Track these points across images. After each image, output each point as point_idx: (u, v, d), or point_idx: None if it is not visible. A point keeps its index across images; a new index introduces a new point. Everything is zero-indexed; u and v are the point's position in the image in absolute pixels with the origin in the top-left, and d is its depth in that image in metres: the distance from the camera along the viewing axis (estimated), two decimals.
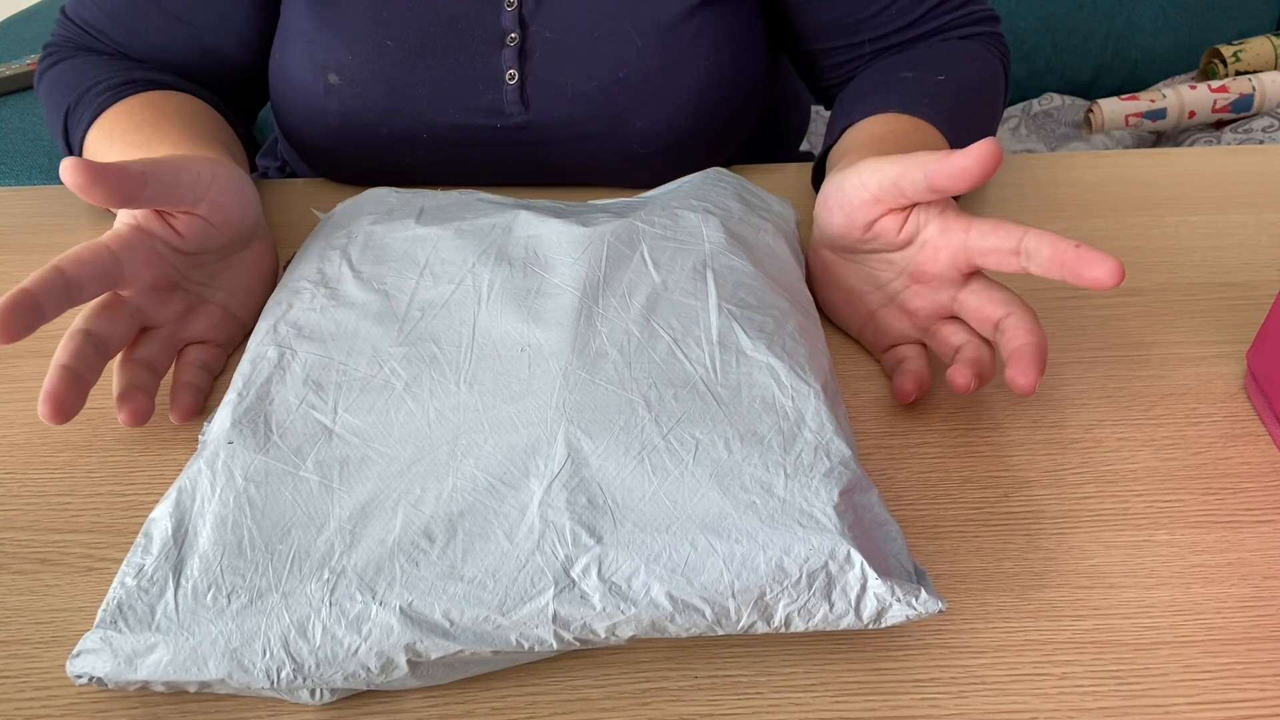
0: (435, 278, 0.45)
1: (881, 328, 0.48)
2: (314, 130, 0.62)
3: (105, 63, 0.62)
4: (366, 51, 0.59)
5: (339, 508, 0.35)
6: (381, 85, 0.60)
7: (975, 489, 0.42)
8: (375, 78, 0.60)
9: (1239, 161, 0.66)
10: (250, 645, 0.32)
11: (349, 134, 0.61)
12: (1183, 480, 0.42)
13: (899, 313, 0.47)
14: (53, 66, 0.63)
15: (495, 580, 0.33)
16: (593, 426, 0.37)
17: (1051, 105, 1.40)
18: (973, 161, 0.40)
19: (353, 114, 0.60)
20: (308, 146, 0.64)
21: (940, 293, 0.45)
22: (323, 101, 0.60)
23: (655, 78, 0.60)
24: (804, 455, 0.36)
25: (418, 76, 0.60)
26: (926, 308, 0.46)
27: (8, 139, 1.07)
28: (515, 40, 0.60)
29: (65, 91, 0.60)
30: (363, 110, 0.60)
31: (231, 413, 0.39)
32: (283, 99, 0.63)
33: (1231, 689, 0.35)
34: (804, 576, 0.33)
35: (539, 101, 0.60)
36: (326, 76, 0.60)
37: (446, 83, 0.60)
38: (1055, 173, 0.65)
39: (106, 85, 0.58)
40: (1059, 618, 0.37)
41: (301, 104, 0.62)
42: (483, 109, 0.60)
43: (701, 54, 0.61)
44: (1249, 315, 0.52)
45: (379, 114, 0.60)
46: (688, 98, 0.61)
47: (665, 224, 0.48)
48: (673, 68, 0.60)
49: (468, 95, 0.60)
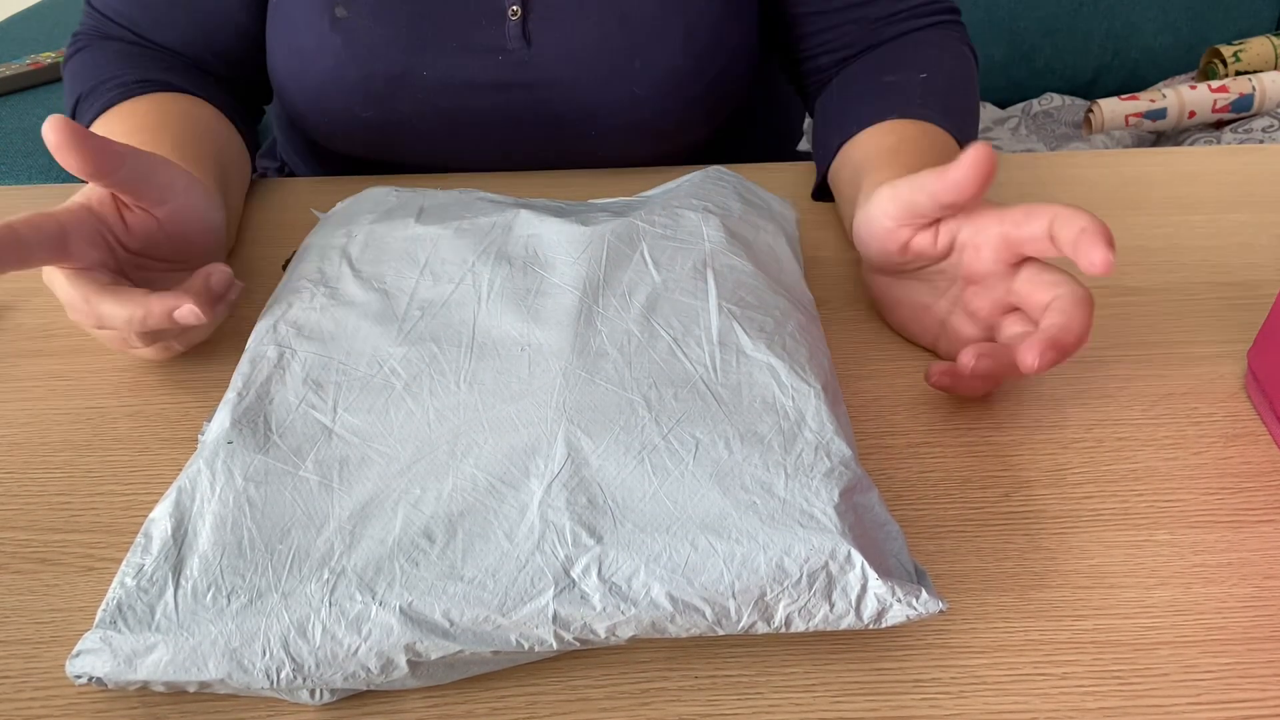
0: (435, 277, 0.45)
1: (953, 336, 0.48)
2: (310, 77, 0.62)
3: (124, 54, 0.62)
4: None
5: (339, 508, 0.35)
6: (388, 16, 0.60)
7: (975, 489, 0.42)
8: (383, 8, 0.60)
9: (1239, 161, 0.66)
10: (250, 645, 0.32)
11: (346, 74, 0.61)
12: (1183, 480, 0.42)
13: (965, 317, 0.47)
14: (76, 54, 0.64)
15: (495, 580, 0.33)
16: (593, 426, 0.37)
17: (1051, 105, 1.40)
18: (967, 172, 0.41)
19: (356, 45, 0.61)
20: (302, 99, 0.64)
21: (996, 288, 0.45)
22: (326, 37, 0.61)
23: (655, 16, 0.62)
24: (804, 455, 0.36)
25: (423, 9, 0.61)
26: (987, 306, 0.46)
27: (8, 139, 1.08)
28: None
29: (80, 82, 0.61)
30: (366, 42, 0.60)
31: (231, 412, 0.39)
32: (280, 43, 0.63)
33: (1232, 689, 0.34)
34: (804, 577, 0.33)
35: (540, 38, 0.61)
36: (334, 9, 0.60)
37: (450, 17, 0.61)
38: (1055, 173, 0.65)
39: (119, 82, 0.59)
40: (1059, 618, 0.37)
41: (301, 44, 0.62)
42: (485, 46, 0.61)
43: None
44: (1250, 315, 0.52)
45: (381, 45, 0.61)
46: (684, 37, 0.62)
47: (665, 223, 0.48)
48: (671, 5, 0.62)
49: (471, 30, 0.61)
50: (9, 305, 0.53)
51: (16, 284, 0.55)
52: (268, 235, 0.60)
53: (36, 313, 0.53)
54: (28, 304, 0.54)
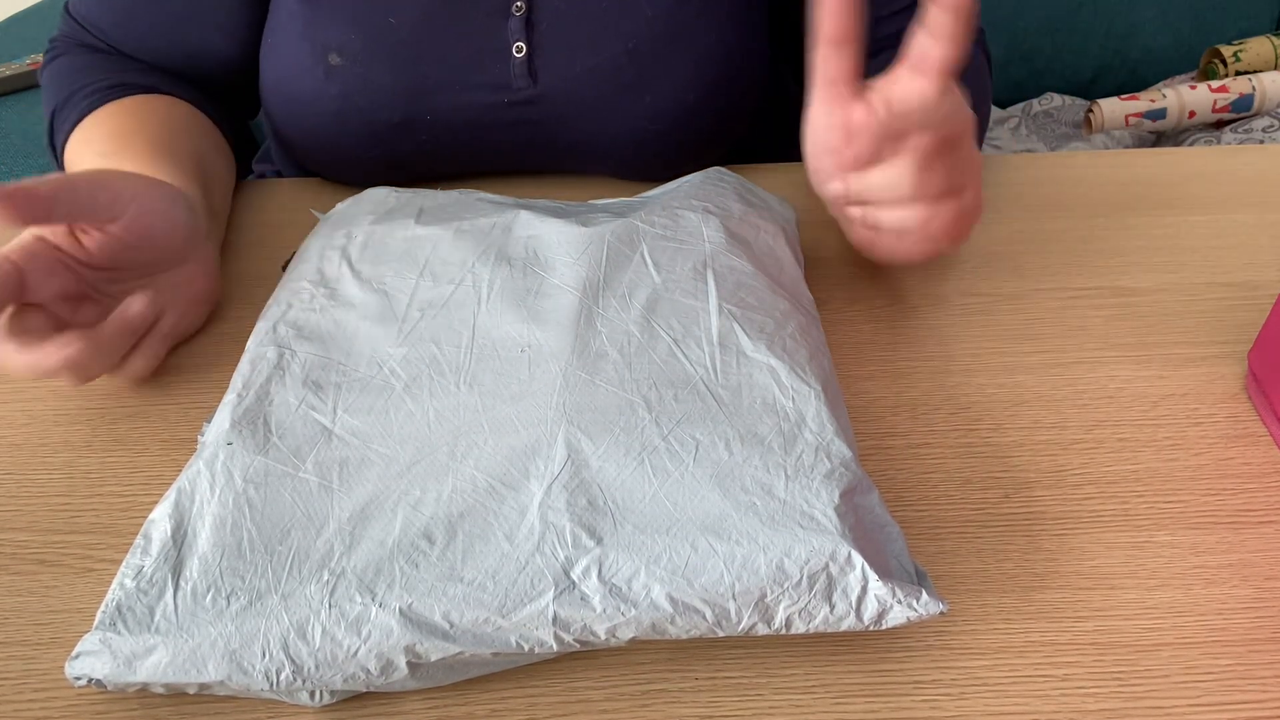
0: (435, 278, 0.45)
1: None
2: (310, 120, 0.61)
3: (100, 62, 0.62)
4: (370, 29, 0.58)
5: (338, 509, 0.35)
6: (386, 63, 0.58)
7: (976, 490, 0.42)
8: (380, 55, 0.58)
9: (1239, 161, 0.65)
10: (249, 647, 0.32)
11: (348, 121, 0.60)
12: (1184, 481, 0.42)
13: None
14: (52, 62, 0.63)
15: (495, 582, 0.33)
16: (593, 427, 0.37)
17: (1051, 105, 1.40)
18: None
19: (354, 95, 0.59)
20: (302, 140, 0.63)
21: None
22: (322, 85, 0.59)
23: (664, 49, 0.60)
24: (805, 456, 0.36)
25: (423, 52, 0.59)
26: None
27: (8, 139, 1.07)
28: (522, 10, 0.59)
29: (55, 91, 0.60)
30: (365, 91, 0.59)
31: (231, 413, 0.39)
32: (276, 89, 0.62)
33: (1233, 690, 0.34)
34: (805, 578, 0.33)
35: (547, 75, 0.59)
36: (327, 58, 0.58)
37: (452, 58, 0.59)
38: (1055, 173, 0.65)
39: (95, 88, 0.58)
40: (1060, 619, 0.37)
41: (297, 91, 0.60)
42: (490, 84, 0.59)
43: (709, 26, 0.60)
44: (1250, 315, 0.52)
45: (382, 94, 0.59)
46: (696, 70, 0.60)
47: (665, 224, 0.47)
48: (680, 38, 0.60)
49: (474, 70, 0.59)
50: None
51: None
52: (267, 236, 0.59)
53: None
54: None
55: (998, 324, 0.51)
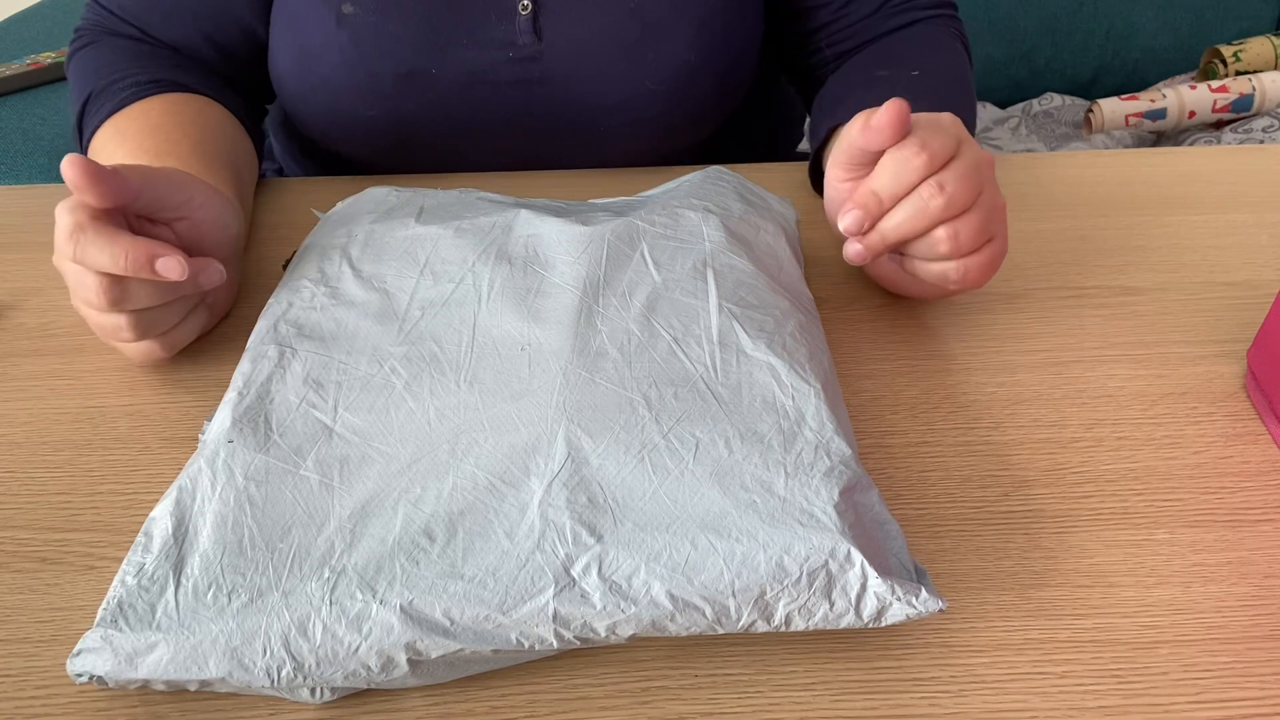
0: (435, 277, 0.45)
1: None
2: (316, 73, 0.62)
3: (132, 52, 0.62)
4: None
5: (339, 506, 0.35)
6: (396, 13, 0.60)
7: (975, 488, 0.42)
8: (390, 5, 0.60)
9: (1239, 161, 0.66)
10: (251, 644, 0.32)
11: (354, 70, 0.61)
12: (1183, 479, 0.42)
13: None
14: (80, 50, 0.64)
15: (495, 579, 0.33)
16: (593, 425, 0.37)
17: (1051, 105, 1.40)
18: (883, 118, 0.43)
19: (364, 43, 0.60)
20: (305, 96, 0.63)
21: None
22: (334, 33, 0.60)
23: (666, 8, 0.61)
24: (804, 454, 0.36)
25: (434, 5, 0.60)
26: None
27: (8, 139, 1.07)
28: None
29: (91, 77, 0.60)
30: (375, 38, 0.60)
31: (232, 411, 0.39)
32: (285, 38, 0.63)
33: (1232, 688, 0.35)
34: (804, 575, 0.33)
35: (551, 32, 0.61)
36: (340, 6, 0.60)
37: (461, 12, 0.60)
38: (1055, 173, 0.65)
39: (134, 80, 0.59)
40: (1059, 616, 0.37)
41: (307, 40, 0.61)
42: (495, 41, 0.61)
43: None
44: (1249, 314, 0.52)
45: (390, 42, 0.60)
46: (697, 31, 0.62)
47: (665, 223, 0.48)
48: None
49: (481, 26, 0.61)
50: (9, 305, 0.53)
51: (16, 284, 0.55)
52: (268, 235, 0.60)
53: (36, 312, 0.53)
54: (28, 304, 0.54)
55: (997, 323, 0.51)
